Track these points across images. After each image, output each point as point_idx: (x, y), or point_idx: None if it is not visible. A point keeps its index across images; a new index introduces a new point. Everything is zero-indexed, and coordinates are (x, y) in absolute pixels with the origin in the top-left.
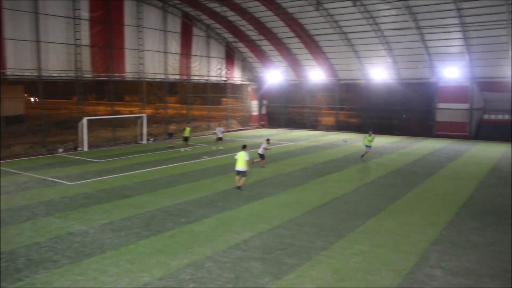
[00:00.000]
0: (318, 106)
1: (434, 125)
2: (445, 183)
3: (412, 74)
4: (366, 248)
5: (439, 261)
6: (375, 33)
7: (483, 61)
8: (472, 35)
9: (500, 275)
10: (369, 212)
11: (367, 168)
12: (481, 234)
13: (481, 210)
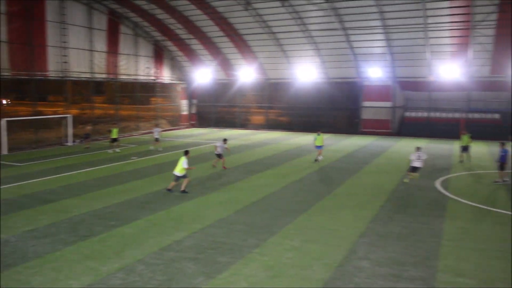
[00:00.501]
0: (248, 105)
1: (359, 123)
2: (371, 178)
3: (339, 74)
4: (298, 243)
5: (366, 253)
6: (303, 33)
7: (404, 62)
8: (393, 37)
9: (421, 262)
10: (299, 209)
11: (297, 165)
12: (404, 226)
13: (404, 203)
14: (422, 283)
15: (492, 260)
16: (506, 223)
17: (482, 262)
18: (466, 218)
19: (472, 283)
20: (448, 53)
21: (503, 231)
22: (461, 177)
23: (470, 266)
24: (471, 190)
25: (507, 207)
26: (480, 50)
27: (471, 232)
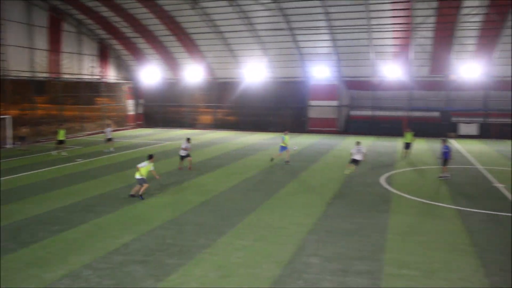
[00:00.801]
0: (196, 104)
1: (307, 122)
2: (318, 176)
3: (286, 73)
4: (247, 242)
5: (315, 249)
6: (250, 33)
7: (349, 62)
8: (339, 37)
9: (368, 256)
10: (248, 208)
11: (245, 164)
12: (351, 221)
13: (350, 199)
14: (369, 276)
15: (434, 252)
16: (447, 216)
17: (425, 254)
18: (409, 213)
19: (416, 274)
20: (390, 54)
21: (445, 224)
22: (405, 173)
23: (414, 258)
24: (414, 186)
25: (448, 201)
26: (420, 51)
27: (414, 226)
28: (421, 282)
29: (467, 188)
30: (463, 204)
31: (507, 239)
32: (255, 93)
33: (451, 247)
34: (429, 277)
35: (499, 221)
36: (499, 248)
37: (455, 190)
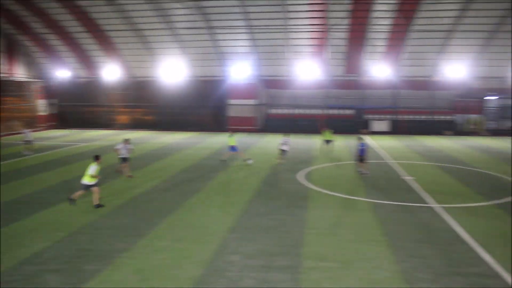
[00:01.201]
0: (112, 104)
1: (226, 120)
2: (238, 174)
3: (205, 72)
4: (168, 244)
5: (236, 247)
6: (168, 31)
7: (267, 61)
8: (257, 36)
9: (288, 251)
10: (168, 208)
11: (164, 165)
12: (271, 218)
13: (269, 196)
14: (290, 270)
15: (350, 243)
16: (362, 209)
17: (342, 246)
18: (327, 207)
19: (334, 266)
20: (307, 53)
21: (360, 216)
22: (322, 169)
23: (332, 251)
24: (331, 181)
25: (362, 195)
26: (335, 51)
27: (331, 220)
28: (339, 273)
29: (380, 182)
30: (376, 197)
31: (414, 227)
32: (174, 92)
33: (365, 238)
34: (346, 267)
35: (408, 211)
36: (408, 236)
37: (368, 184)
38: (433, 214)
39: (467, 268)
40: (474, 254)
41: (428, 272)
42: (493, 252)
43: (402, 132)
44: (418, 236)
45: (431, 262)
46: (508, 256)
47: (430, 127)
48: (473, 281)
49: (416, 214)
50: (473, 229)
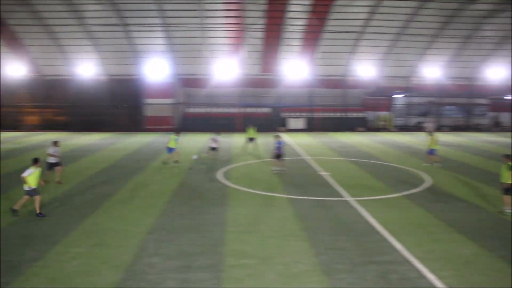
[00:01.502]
0: (19, 104)
1: (143, 120)
2: (156, 175)
3: (120, 71)
4: (84, 249)
5: (156, 249)
6: (80, 27)
7: (184, 60)
8: (174, 35)
9: (209, 250)
10: (84, 212)
11: (80, 167)
12: (191, 218)
13: (189, 196)
14: (211, 269)
15: (270, 239)
16: (281, 205)
17: (262, 242)
18: (247, 205)
19: (255, 262)
20: (224, 52)
21: (279, 212)
22: (241, 167)
23: (252, 248)
24: (250, 179)
25: (281, 191)
26: (252, 50)
27: (251, 217)
28: (259, 269)
29: (297, 178)
30: (294, 192)
31: (331, 221)
32: (87, 91)
33: (285, 233)
34: (266, 263)
35: (325, 206)
36: (326, 229)
37: (286, 180)
38: (348, 207)
39: (380, 256)
40: (387, 243)
41: (345, 263)
42: (404, 241)
43: (317, 129)
44: (335, 229)
45: (347, 253)
46: (417, 243)
47: (343, 124)
48: (386, 269)
49: (332, 208)
50: (385, 220)
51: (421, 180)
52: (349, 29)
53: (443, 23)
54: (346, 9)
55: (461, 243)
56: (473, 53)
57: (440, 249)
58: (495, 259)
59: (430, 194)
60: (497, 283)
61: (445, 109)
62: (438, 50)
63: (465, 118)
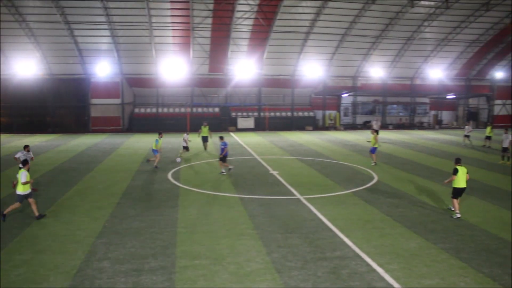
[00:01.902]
0: None
1: (89, 121)
2: (104, 177)
3: (64, 70)
4: (29, 256)
5: (106, 253)
6: (19, 24)
7: (131, 59)
8: (119, 33)
9: (160, 252)
10: (29, 218)
11: None
12: (141, 220)
13: (138, 198)
14: (163, 271)
15: (222, 239)
16: (232, 205)
17: (214, 242)
18: (198, 205)
19: (207, 263)
20: (172, 52)
21: (230, 212)
22: (191, 167)
23: (204, 248)
24: (200, 179)
25: (232, 191)
26: (200, 50)
27: (203, 217)
28: (212, 269)
29: (248, 177)
30: (245, 192)
31: (283, 219)
32: (29, 91)
33: (237, 233)
34: (218, 263)
35: (276, 204)
36: (277, 228)
37: (237, 180)
38: (299, 205)
39: (331, 252)
40: (337, 239)
41: (297, 260)
42: (353, 236)
43: (266, 129)
44: (286, 227)
45: (299, 250)
46: (366, 238)
47: (292, 123)
48: (337, 264)
49: (283, 206)
50: (335, 217)
51: (368, 177)
52: (296, 30)
53: (386, 25)
54: (293, 9)
55: (407, 237)
56: (414, 54)
57: (388, 244)
58: (439, 251)
59: (377, 191)
60: (441, 273)
61: (390, 107)
62: (382, 50)
63: (408, 116)
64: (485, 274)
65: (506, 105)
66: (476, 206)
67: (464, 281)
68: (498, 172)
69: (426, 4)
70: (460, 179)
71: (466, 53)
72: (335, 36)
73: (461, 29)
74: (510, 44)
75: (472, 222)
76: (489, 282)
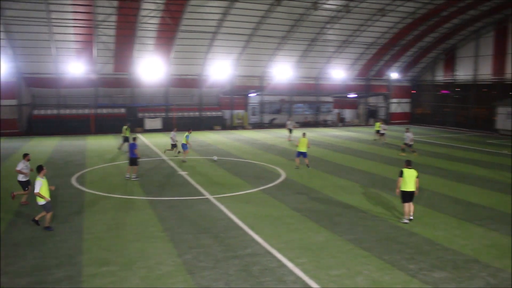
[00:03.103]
0: None
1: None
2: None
3: None
4: None
5: (4, 266)
6: None
7: (29, 57)
8: (14, 29)
9: (65, 262)
10: None
11: None
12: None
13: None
14: (68, 281)
15: (132, 243)
16: (141, 208)
17: (124, 247)
18: (105, 210)
19: (116, 269)
20: (74, 50)
21: (139, 215)
22: (97, 170)
23: (113, 254)
24: (106, 182)
25: (140, 194)
26: (104, 49)
27: (111, 222)
28: (122, 275)
29: (156, 179)
30: (154, 194)
31: (193, 220)
32: None
33: (146, 236)
34: (128, 268)
35: (186, 205)
36: (188, 229)
37: (145, 182)
38: (209, 205)
39: (242, 250)
40: (248, 237)
41: (208, 260)
42: (263, 233)
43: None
44: (197, 228)
45: (210, 250)
46: (275, 234)
47: (200, 123)
48: (248, 261)
49: (193, 207)
50: (245, 215)
51: (276, 175)
52: (204, 29)
53: (291, 26)
54: (200, 9)
55: (315, 231)
56: (318, 54)
57: (297, 238)
58: (344, 242)
59: (285, 187)
60: (346, 263)
61: (296, 106)
62: (287, 51)
63: (313, 115)
64: (386, 261)
65: (401, 103)
66: (378, 198)
67: (367, 268)
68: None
69: (328, 7)
70: (407, 181)
71: (365, 55)
72: (242, 36)
73: (360, 32)
74: (403, 47)
75: (373, 213)
76: (389, 268)
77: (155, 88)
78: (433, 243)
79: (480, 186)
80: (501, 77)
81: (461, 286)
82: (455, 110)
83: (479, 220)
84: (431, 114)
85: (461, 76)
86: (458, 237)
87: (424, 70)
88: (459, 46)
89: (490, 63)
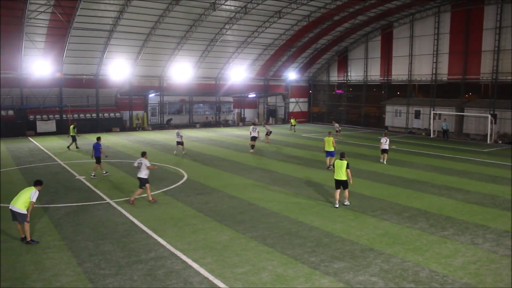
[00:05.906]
0: None
1: None
2: None
3: None
4: None
5: None
6: None
7: None
8: None
9: None
10: None
11: None
12: None
13: None
14: None
15: (23, 257)
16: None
17: (15, 261)
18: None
19: (6, 285)
20: None
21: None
22: None
23: (2, 269)
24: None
25: None
26: None
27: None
28: None
29: (51, 184)
30: (49, 200)
31: (92, 226)
32: None
33: (42, 246)
34: (21, 283)
35: (84, 211)
36: (87, 236)
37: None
38: (109, 210)
39: (146, 254)
40: (151, 241)
41: (111, 267)
42: (166, 236)
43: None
44: (97, 234)
45: (112, 256)
46: (179, 236)
47: (98, 125)
48: (152, 265)
49: (92, 213)
50: (147, 218)
51: (178, 176)
52: (99, 27)
53: (190, 26)
54: (94, 5)
55: (218, 230)
56: (217, 55)
57: (201, 239)
58: (248, 239)
59: (187, 188)
60: (251, 260)
61: (196, 106)
62: (187, 51)
63: (214, 115)
64: (289, 255)
65: (298, 103)
66: (277, 195)
67: (271, 264)
68: (292, 163)
69: (227, 8)
70: (338, 171)
71: (263, 55)
72: (140, 35)
73: (259, 33)
74: (300, 48)
75: (275, 210)
76: (292, 262)
77: (47, 89)
78: (332, 235)
79: (373, 180)
80: (388, 78)
81: (359, 273)
82: (348, 108)
83: (372, 212)
84: (327, 112)
85: (353, 77)
86: (354, 228)
87: (319, 71)
88: (351, 48)
89: (378, 65)
